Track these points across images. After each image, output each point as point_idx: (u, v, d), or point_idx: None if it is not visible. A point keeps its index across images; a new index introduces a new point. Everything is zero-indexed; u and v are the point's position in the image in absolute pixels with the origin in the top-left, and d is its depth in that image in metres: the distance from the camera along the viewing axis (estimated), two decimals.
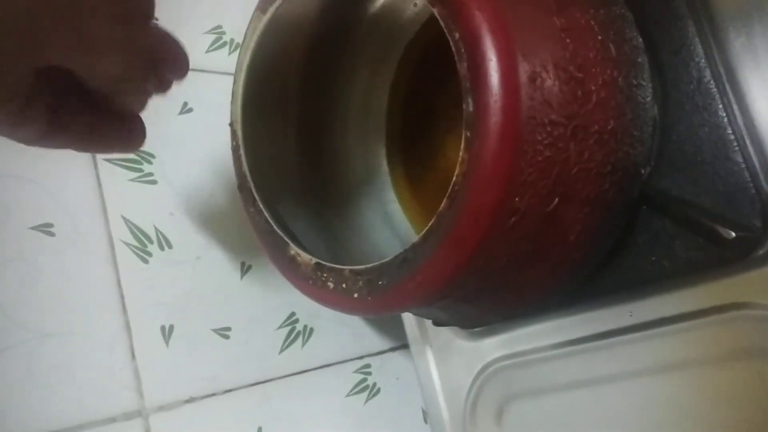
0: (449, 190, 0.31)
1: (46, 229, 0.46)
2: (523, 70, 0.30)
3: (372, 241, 0.46)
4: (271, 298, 0.55)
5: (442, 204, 0.31)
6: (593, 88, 0.33)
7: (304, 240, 0.42)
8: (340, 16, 0.43)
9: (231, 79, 0.61)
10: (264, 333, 0.54)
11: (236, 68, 0.41)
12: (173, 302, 0.49)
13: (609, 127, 0.33)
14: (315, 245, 0.42)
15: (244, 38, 0.41)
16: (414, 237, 0.50)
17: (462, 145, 0.30)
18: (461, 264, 0.31)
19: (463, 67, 0.30)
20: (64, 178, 0.47)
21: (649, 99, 0.35)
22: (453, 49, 0.30)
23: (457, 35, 0.30)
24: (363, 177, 0.49)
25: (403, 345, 0.63)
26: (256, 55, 0.40)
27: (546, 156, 0.31)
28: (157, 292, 0.49)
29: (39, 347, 0.43)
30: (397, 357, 0.62)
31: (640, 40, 0.35)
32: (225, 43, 0.61)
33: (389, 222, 0.49)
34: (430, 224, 0.31)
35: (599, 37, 0.33)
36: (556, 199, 0.33)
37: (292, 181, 0.44)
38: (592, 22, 0.33)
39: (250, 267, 0.55)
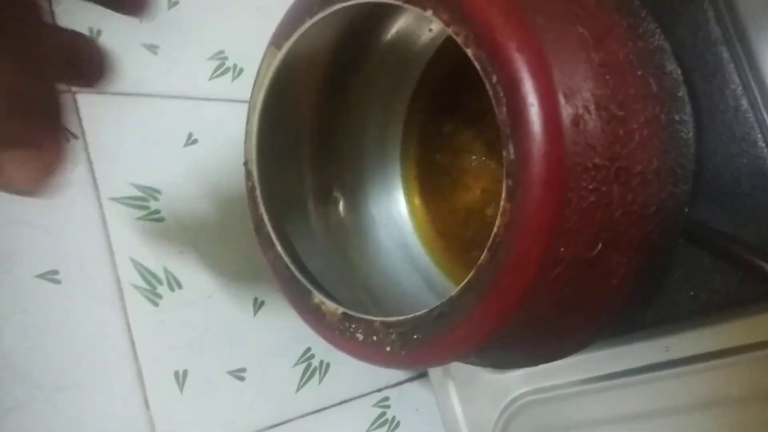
0: (490, 242, 0.29)
1: (51, 276, 0.44)
2: (566, 113, 0.28)
3: (395, 279, 0.44)
4: (286, 333, 0.53)
5: (483, 256, 0.29)
6: (635, 126, 0.31)
7: (325, 282, 0.40)
8: (355, 47, 0.41)
9: (236, 106, 0.59)
10: (280, 371, 0.52)
11: (249, 106, 0.40)
12: (186, 346, 0.47)
13: (652, 167, 0.31)
14: (336, 287, 0.40)
15: (258, 74, 0.39)
16: (434, 271, 0.49)
17: (503, 195, 0.28)
18: (502, 319, 0.30)
19: (502, 113, 0.28)
20: (68, 221, 0.45)
21: (691, 135, 0.33)
22: (490, 92, 0.28)
23: (494, 78, 0.28)
24: (381, 212, 0.47)
25: (420, 374, 0.61)
26: (270, 92, 0.38)
27: (590, 201, 0.29)
28: (169, 337, 0.47)
29: (49, 403, 0.41)
30: (415, 387, 0.60)
31: (679, 72, 0.33)
32: (228, 69, 0.59)
33: (408, 254, 0.47)
34: (469, 277, 0.29)
35: (639, 72, 0.31)
36: (600, 245, 0.31)
37: (310, 220, 0.42)
38: (631, 56, 0.31)
39: (263, 303, 0.53)
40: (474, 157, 0.49)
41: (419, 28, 0.45)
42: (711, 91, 0.37)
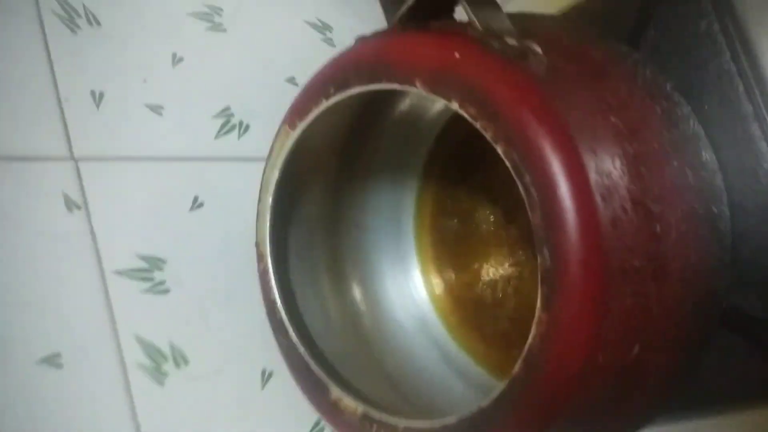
0: (524, 353, 0.27)
1: (53, 360, 0.42)
2: (605, 216, 0.26)
3: (412, 355, 0.43)
4: (295, 406, 0.51)
5: (516, 367, 0.27)
6: (672, 221, 0.29)
7: (342, 367, 0.38)
8: (368, 121, 0.40)
9: (242, 165, 0.58)
10: None
11: (262, 184, 0.38)
12: (193, 426, 0.45)
13: (690, 263, 0.30)
14: (353, 371, 0.38)
15: (270, 153, 0.38)
16: (452, 345, 0.47)
17: (538, 303, 0.27)
18: (535, 430, 0.28)
19: (536, 216, 0.26)
20: (70, 299, 0.43)
21: (728, 226, 0.31)
22: (522, 192, 0.27)
23: (527, 178, 0.26)
24: (397, 287, 0.45)
25: None
26: (284, 172, 0.37)
27: (628, 305, 0.28)
28: (176, 418, 0.45)
29: None
30: None
31: (715, 159, 0.32)
32: (234, 126, 0.58)
33: (425, 328, 0.45)
34: (502, 389, 0.28)
35: (675, 163, 0.30)
36: (637, 347, 0.29)
37: (325, 301, 0.41)
38: (666, 146, 0.30)
39: (271, 374, 0.51)
40: (489, 224, 0.47)
41: (428, 101, 0.44)
42: (743, 170, 0.36)
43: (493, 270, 0.45)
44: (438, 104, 0.45)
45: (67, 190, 0.46)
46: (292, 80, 0.62)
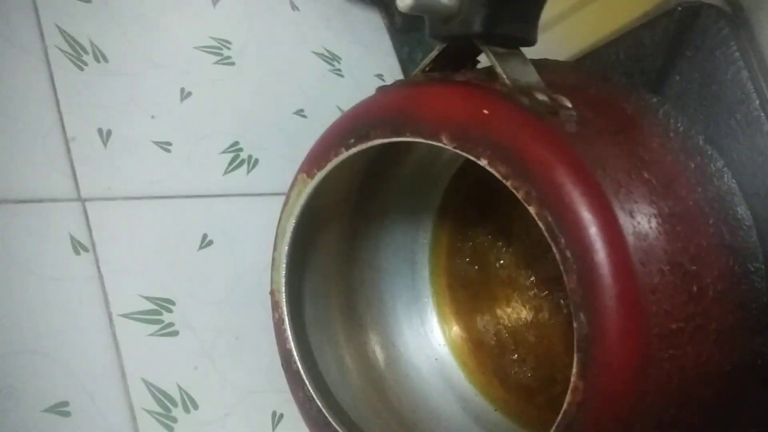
0: (559, 419, 0.26)
1: (61, 409, 0.40)
2: (644, 282, 0.25)
3: (433, 410, 0.41)
4: None
5: None
6: (709, 280, 0.28)
7: (359, 418, 0.37)
8: (383, 170, 0.39)
9: (251, 200, 0.57)
10: None
11: (278, 232, 0.37)
12: None
13: (728, 323, 0.29)
14: (371, 423, 0.37)
15: (287, 200, 0.37)
16: (469, 388, 0.46)
17: (574, 370, 0.26)
18: None
19: (572, 280, 0.25)
20: (78, 345, 0.42)
21: (765, 284, 0.30)
22: (557, 256, 0.26)
23: (562, 242, 0.26)
24: (415, 336, 0.44)
25: None
26: (301, 220, 0.36)
27: (665, 370, 0.27)
28: None
29: None
30: None
31: (750, 215, 0.31)
32: (243, 161, 0.57)
33: (445, 378, 0.44)
34: None
35: (710, 221, 0.29)
36: (673, 410, 0.28)
37: (340, 350, 0.40)
38: (701, 203, 0.29)
39: (281, 416, 0.50)
40: (506, 266, 0.46)
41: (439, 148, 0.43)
42: None
43: (511, 313, 0.45)
44: (445, 154, 0.44)
45: (74, 232, 0.45)
46: (300, 113, 0.61)
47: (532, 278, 0.44)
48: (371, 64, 0.70)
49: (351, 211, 0.40)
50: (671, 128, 0.31)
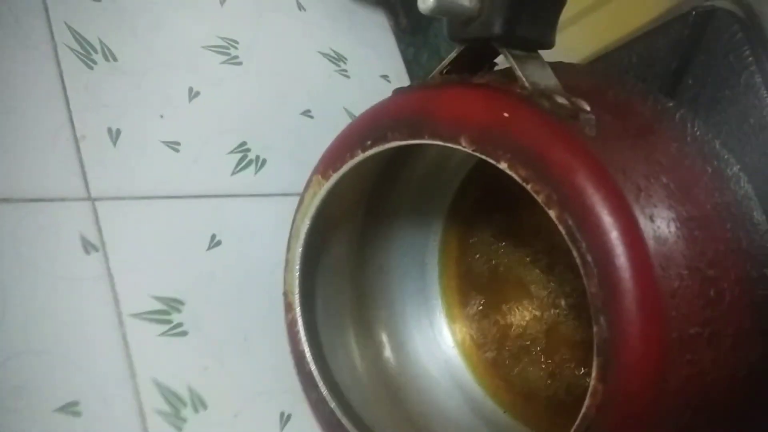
0: (578, 422, 0.26)
1: (71, 409, 0.40)
2: (664, 286, 0.25)
3: (443, 412, 0.41)
4: None
5: None
6: (726, 285, 0.28)
7: (370, 419, 0.37)
8: (396, 171, 0.39)
9: (260, 201, 0.57)
10: None
11: (291, 233, 0.37)
12: None
13: (745, 327, 0.29)
14: (382, 423, 0.37)
15: (301, 201, 0.37)
16: (479, 393, 0.46)
17: (593, 373, 0.26)
18: None
19: (592, 284, 0.25)
20: (88, 345, 0.42)
21: None
22: (578, 261, 0.26)
23: (583, 246, 0.26)
24: (425, 338, 0.44)
25: None
26: (315, 222, 0.36)
27: (684, 374, 0.27)
28: None
29: None
30: None
31: (766, 220, 0.31)
32: (251, 162, 0.57)
33: (455, 380, 0.44)
34: None
35: (728, 225, 0.29)
36: (690, 413, 0.28)
37: (352, 351, 0.40)
38: (719, 208, 0.29)
39: (289, 417, 0.50)
40: (516, 268, 0.46)
41: (452, 150, 0.43)
42: None
43: (521, 316, 0.45)
44: (456, 156, 0.44)
45: (85, 232, 0.45)
46: (307, 113, 0.61)
47: (543, 280, 0.44)
48: (377, 65, 0.70)
49: (362, 212, 0.40)
50: (688, 132, 0.31)
